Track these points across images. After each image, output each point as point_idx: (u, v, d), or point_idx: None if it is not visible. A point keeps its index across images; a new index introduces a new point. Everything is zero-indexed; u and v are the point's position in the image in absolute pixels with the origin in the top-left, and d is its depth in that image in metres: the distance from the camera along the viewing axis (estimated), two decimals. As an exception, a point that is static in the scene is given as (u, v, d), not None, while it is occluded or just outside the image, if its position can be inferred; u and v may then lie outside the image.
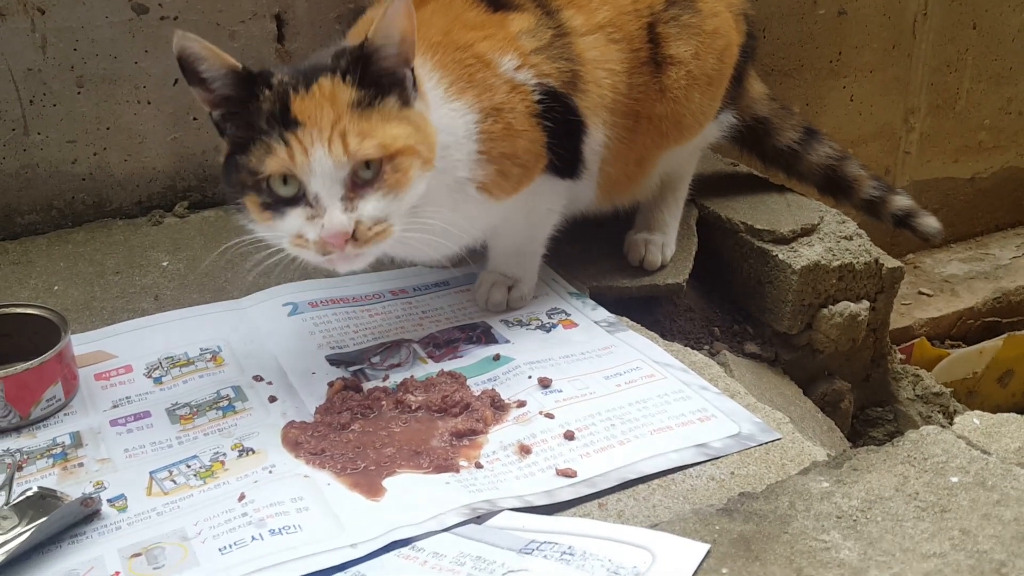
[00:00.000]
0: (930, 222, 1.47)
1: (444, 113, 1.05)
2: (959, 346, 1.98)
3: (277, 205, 0.96)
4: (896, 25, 1.97)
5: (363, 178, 0.95)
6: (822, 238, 1.43)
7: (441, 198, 1.06)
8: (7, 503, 0.88)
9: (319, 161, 0.93)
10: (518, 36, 1.11)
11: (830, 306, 1.42)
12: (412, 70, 1.00)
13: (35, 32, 1.34)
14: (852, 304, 1.43)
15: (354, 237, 0.95)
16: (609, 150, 1.21)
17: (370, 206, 0.95)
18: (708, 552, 0.78)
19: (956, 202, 2.22)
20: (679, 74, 1.22)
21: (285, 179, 0.95)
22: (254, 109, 0.96)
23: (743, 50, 1.34)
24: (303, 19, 1.48)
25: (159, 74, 1.42)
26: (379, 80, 0.97)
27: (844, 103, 1.99)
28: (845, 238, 1.43)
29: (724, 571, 0.76)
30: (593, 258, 1.38)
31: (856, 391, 1.52)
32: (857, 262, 1.41)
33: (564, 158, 1.16)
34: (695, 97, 1.24)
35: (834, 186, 1.50)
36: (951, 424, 0.95)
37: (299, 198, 0.95)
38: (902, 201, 1.48)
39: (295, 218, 0.96)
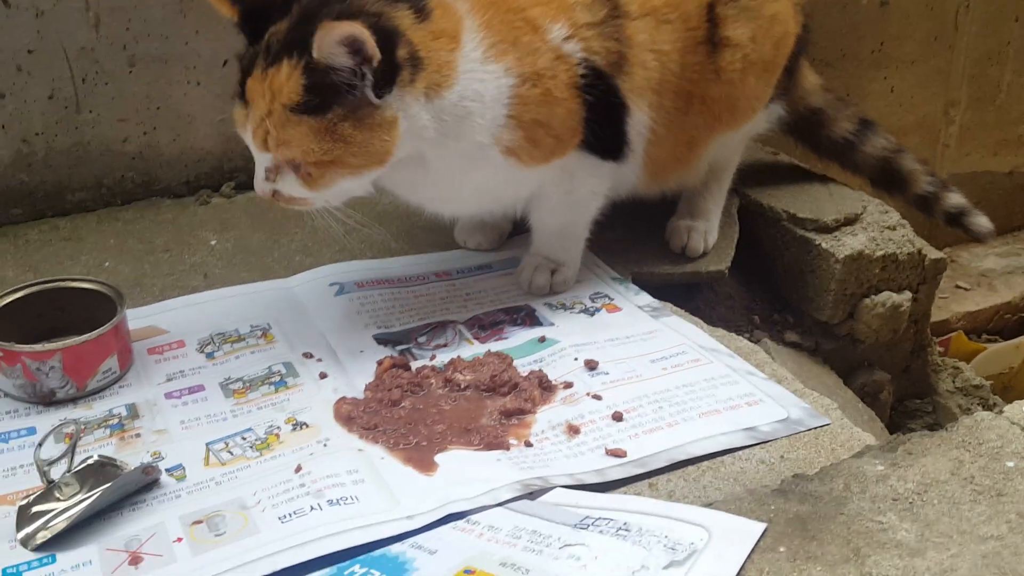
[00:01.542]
0: (982, 221, 1.46)
1: (477, 76, 1.05)
2: (996, 340, 1.97)
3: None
4: (938, 17, 1.96)
5: (287, 161, 1.02)
6: (865, 227, 1.42)
7: (450, 162, 1.08)
8: (69, 470, 0.90)
9: (249, 140, 1.04)
10: (574, 6, 1.11)
11: (872, 296, 1.42)
12: (382, 62, 0.98)
13: (89, 11, 1.36)
14: (894, 295, 1.43)
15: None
16: (656, 132, 1.20)
17: (287, 186, 1.04)
18: (764, 531, 0.79)
19: (994, 196, 2.20)
20: (735, 57, 1.21)
21: None
22: (243, 56, 1.04)
23: (798, 41, 1.33)
24: None
25: (209, 55, 1.44)
26: (330, 88, 0.98)
27: (885, 94, 1.98)
28: (888, 228, 1.43)
29: (781, 549, 0.77)
30: (634, 244, 1.39)
31: (895, 382, 1.52)
32: (900, 252, 1.41)
33: (605, 139, 1.16)
34: (750, 81, 1.24)
35: (889, 179, 1.49)
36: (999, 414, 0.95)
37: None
38: (956, 199, 1.47)
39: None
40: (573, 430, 1.00)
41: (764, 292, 1.48)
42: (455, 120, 1.05)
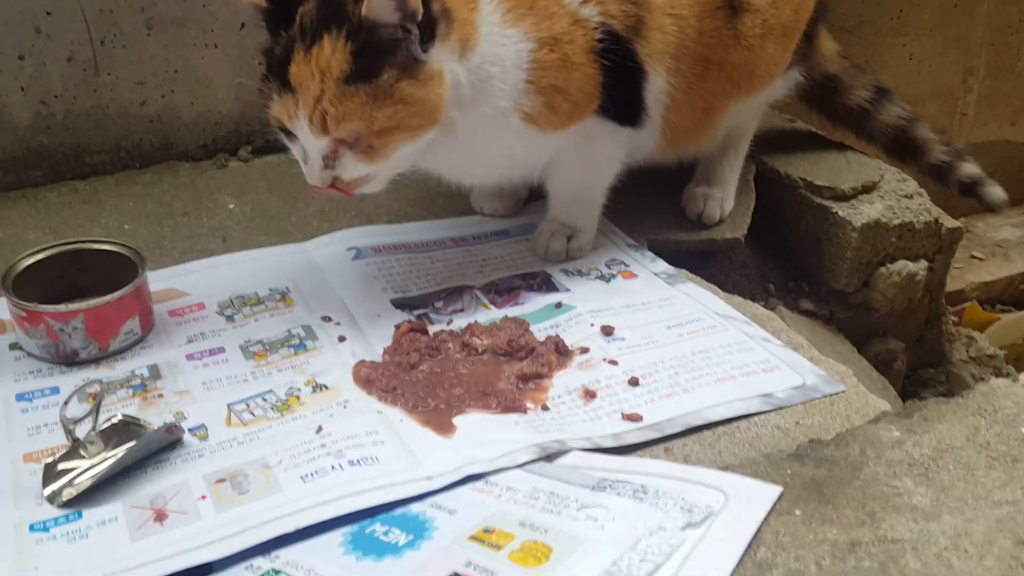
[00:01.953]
0: (996, 191, 1.45)
1: (496, 40, 1.06)
2: (1010, 311, 1.97)
3: (285, 131, 1.04)
4: (959, -17, 1.94)
5: (344, 141, 1.00)
6: (882, 196, 1.42)
7: (474, 127, 1.08)
8: (94, 429, 0.91)
9: (303, 129, 1.00)
10: None
11: (888, 264, 1.42)
12: (423, 16, 0.98)
13: (107, -27, 1.36)
14: (910, 263, 1.43)
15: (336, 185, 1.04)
16: (674, 97, 1.20)
17: (348, 167, 1.02)
18: (781, 494, 0.80)
19: (1011, 166, 2.19)
20: (755, 22, 1.20)
21: None
22: (276, 42, 1.01)
23: (817, 5, 1.32)
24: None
25: (226, 18, 1.44)
26: (379, 49, 0.98)
27: (903, 61, 1.96)
28: (906, 196, 1.43)
29: (797, 512, 0.78)
30: (650, 212, 1.39)
31: (909, 351, 1.52)
32: (917, 221, 1.41)
33: (622, 104, 1.16)
34: (769, 47, 1.23)
35: (903, 148, 1.49)
36: (1015, 381, 0.96)
37: (296, 137, 1.03)
38: (970, 168, 1.47)
39: (297, 148, 1.04)
40: (589, 394, 1.01)
41: (779, 260, 1.49)
42: (480, 83, 1.05)
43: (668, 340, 1.10)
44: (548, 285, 1.22)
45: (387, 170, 1.05)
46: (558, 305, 1.17)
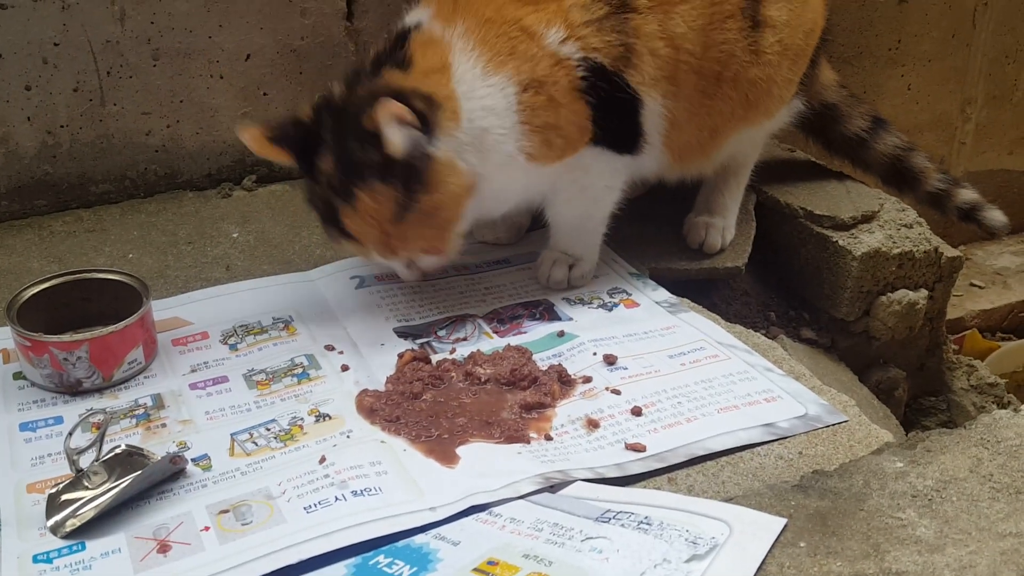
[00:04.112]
0: (996, 216, 1.46)
1: (480, 93, 1.09)
2: (1010, 339, 1.97)
3: None
4: (956, 14, 1.96)
5: None
6: (882, 225, 1.43)
7: (492, 174, 1.12)
8: (97, 459, 0.91)
9: (378, 259, 1.14)
10: (570, 8, 1.11)
11: (889, 294, 1.42)
12: (424, 116, 1.05)
13: (114, 4, 1.37)
14: (911, 292, 1.43)
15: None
16: (675, 119, 1.19)
17: (426, 262, 1.17)
18: (785, 526, 0.79)
19: (1010, 194, 2.20)
20: (774, 39, 1.21)
21: None
22: (314, 193, 1.13)
23: (822, 34, 1.33)
24: (372, -3, 1.50)
25: (232, 49, 1.45)
26: (404, 175, 1.06)
27: (901, 92, 1.98)
28: (905, 226, 1.43)
29: (802, 545, 0.78)
30: (651, 240, 1.39)
31: (910, 380, 1.52)
32: (917, 250, 1.42)
33: (618, 132, 1.17)
34: (785, 67, 1.24)
35: (899, 177, 1.49)
36: (1017, 412, 0.96)
37: None
38: (968, 194, 1.47)
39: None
40: (592, 424, 1.01)
41: (780, 289, 1.49)
42: (479, 137, 1.09)
43: (670, 369, 1.10)
44: (550, 314, 1.22)
45: (457, 246, 1.16)
46: (560, 334, 1.17)
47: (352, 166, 1.06)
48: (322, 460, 0.94)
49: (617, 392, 1.06)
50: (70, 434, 0.91)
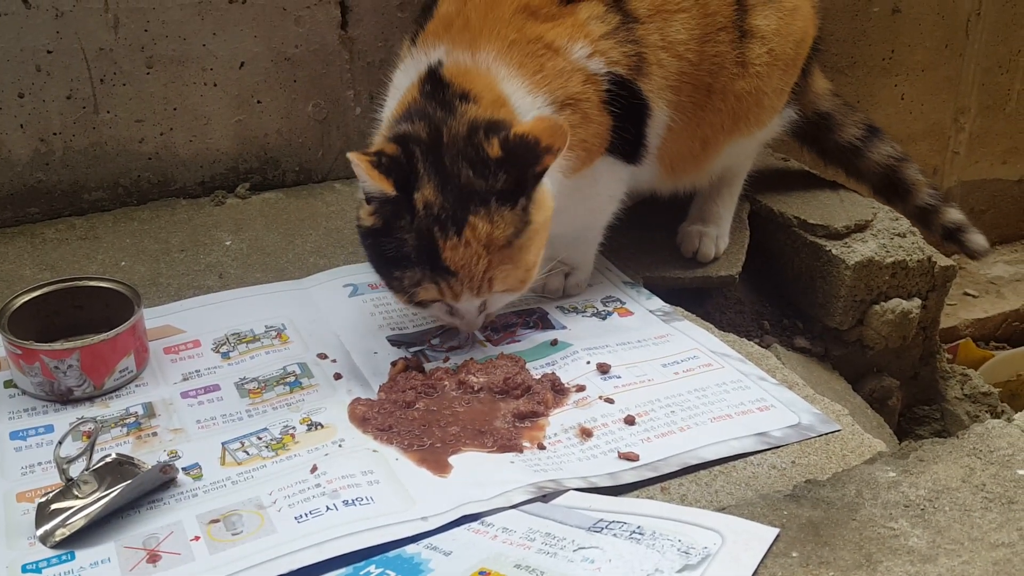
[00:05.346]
0: (978, 239, 1.47)
1: (532, 115, 1.07)
2: (1004, 348, 1.98)
3: (423, 302, 1.07)
4: (949, 24, 1.96)
5: None
6: (875, 234, 1.43)
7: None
8: (88, 468, 0.91)
9: (466, 300, 1.05)
10: (587, 21, 1.12)
11: (882, 303, 1.42)
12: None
13: (108, 12, 1.37)
14: (904, 301, 1.43)
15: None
16: (672, 128, 1.20)
17: (496, 302, 1.09)
18: (777, 536, 0.79)
19: (1003, 203, 2.21)
20: (762, 50, 1.21)
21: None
22: (402, 231, 1.02)
23: (813, 42, 1.34)
24: (367, 6, 1.50)
25: (226, 56, 1.45)
26: (519, 190, 1.02)
27: (895, 101, 1.98)
28: (898, 235, 1.44)
29: (794, 555, 0.77)
30: (646, 249, 1.39)
31: (904, 389, 1.52)
32: (910, 259, 1.42)
33: (628, 142, 1.17)
34: (775, 77, 1.24)
35: (891, 188, 1.50)
36: (1010, 422, 0.96)
37: (442, 303, 1.06)
38: (954, 215, 1.49)
39: (436, 309, 1.08)
40: (586, 433, 1.00)
41: (774, 297, 1.49)
42: None
43: (664, 378, 1.10)
44: (544, 322, 1.22)
45: (532, 284, 1.10)
46: (554, 342, 1.17)
47: (468, 194, 1.01)
48: (314, 469, 0.93)
49: (610, 401, 1.06)
50: (60, 443, 0.91)
